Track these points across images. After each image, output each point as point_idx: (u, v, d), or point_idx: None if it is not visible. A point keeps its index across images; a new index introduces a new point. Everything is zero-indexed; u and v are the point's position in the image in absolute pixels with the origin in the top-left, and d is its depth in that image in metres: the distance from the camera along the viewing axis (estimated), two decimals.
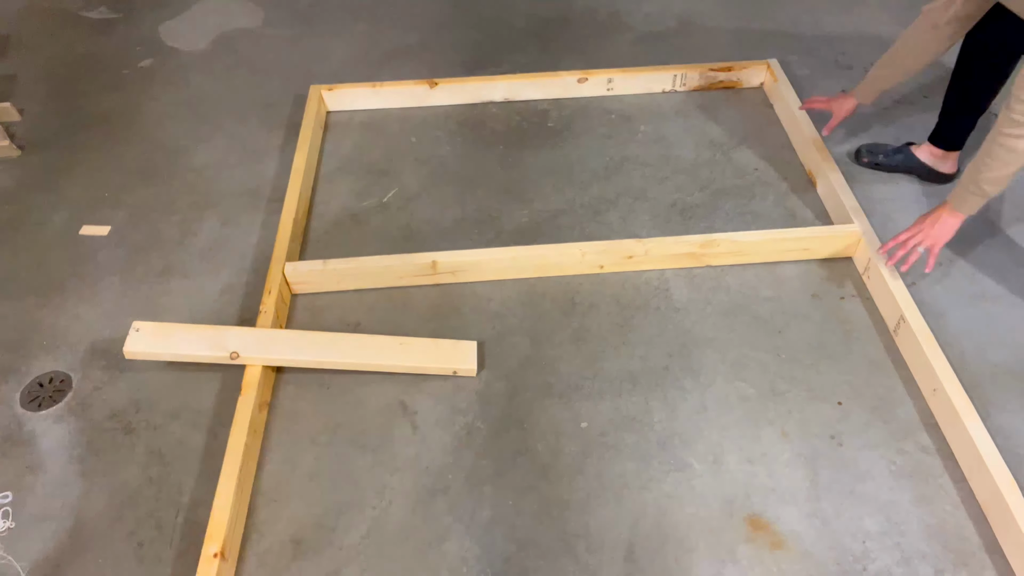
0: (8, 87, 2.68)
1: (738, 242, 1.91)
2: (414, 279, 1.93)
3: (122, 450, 1.64)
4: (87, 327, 1.89)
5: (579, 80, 2.49)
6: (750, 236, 1.92)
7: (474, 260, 1.90)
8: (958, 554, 1.43)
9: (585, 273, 1.95)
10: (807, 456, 1.58)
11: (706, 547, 1.45)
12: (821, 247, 1.94)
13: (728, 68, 2.51)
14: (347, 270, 1.89)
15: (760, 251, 1.94)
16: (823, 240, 1.92)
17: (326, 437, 1.65)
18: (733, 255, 1.94)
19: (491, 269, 1.93)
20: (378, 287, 1.94)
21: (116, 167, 2.35)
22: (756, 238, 1.91)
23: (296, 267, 1.89)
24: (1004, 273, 1.92)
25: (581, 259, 1.92)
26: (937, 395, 1.61)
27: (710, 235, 1.91)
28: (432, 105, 2.53)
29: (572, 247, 1.91)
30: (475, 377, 1.74)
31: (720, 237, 1.91)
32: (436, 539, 1.48)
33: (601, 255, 1.91)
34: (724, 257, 1.94)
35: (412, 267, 1.89)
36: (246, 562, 1.46)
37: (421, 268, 1.90)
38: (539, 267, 1.94)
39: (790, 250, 1.94)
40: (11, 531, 1.52)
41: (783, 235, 1.92)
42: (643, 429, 1.63)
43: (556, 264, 1.93)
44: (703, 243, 1.90)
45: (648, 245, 1.91)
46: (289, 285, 1.91)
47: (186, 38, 2.93)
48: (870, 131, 2.34)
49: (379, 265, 1.89)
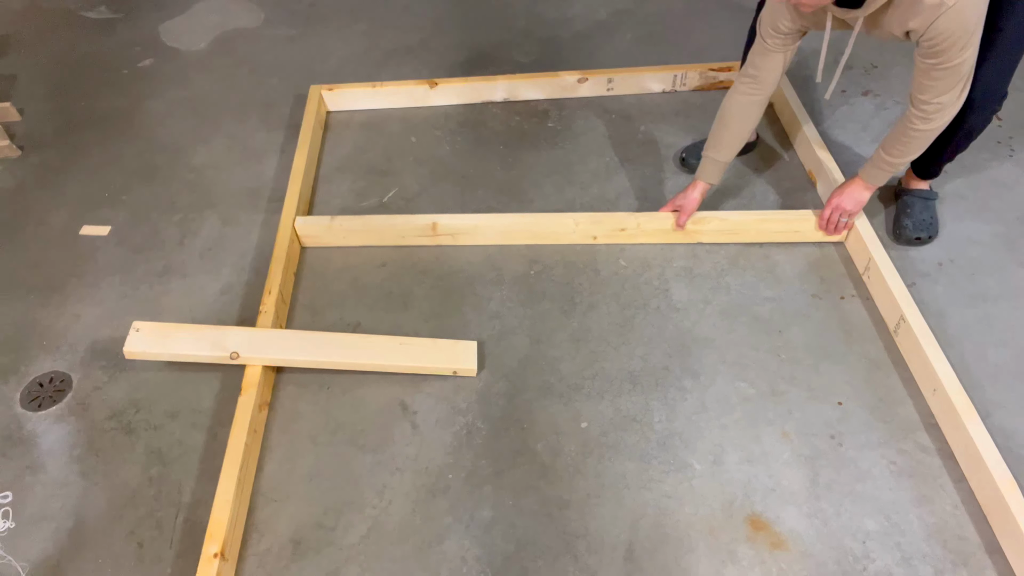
0: (8, 87, 2.68)
1: (728, 220, 1.98)
2: (416, 239, 2.03)
3: (122, 450, 1.64)
4: (87, 327, 1.89)
5: (579, 80, 2.49)
6: (740, 215, 1.99)
7: (472, 224, 2.01)
8: (958, 554, 1.43)
9: (579, 243, 2.01)
10: (807, 456, 1.58)
11: (706, 547, 1.45)
12: (811, 230, 1.98)
13: (728, 68, 2.51)
14: (353, 227, 2.01)
15: (750, 230, 1.99)
16: (813, 222, 1.96)
17: (326, 437, 1.65)
18: (723, 233, 2.00)
19: (488, 233, 2.02)
20: (382, 244, 2.03)
21: (116, 167, 2.35)
22: (746, 217, 1.98)
23: (306, 221, 2.01)
24: (1004, 273, 1.92)
25: (574, 228, 1.99)
26: (937, 395, 1.61)
27: (700, 212, 1.96)
28: (432, 105, 2.53)
29: (565, 216, 1.99)
30: (475, 377, 1.74)
31: (710, 215, 1.97)
32: (436, 539, 1.48)
33: (594, 226, 1.99)
34: (714, 235, 2.00)
35: (414, 227, 2.01)
36: (246, 562, 1.46)
37: (423, 229, 2.01)
38: (534, 234, 2.02)
39: (780, 231, 1.99)
40: (11, 531, 1.52)
41: (773, 216, 2.00)
42: (643, 429, 1.63)
43: (551, 232, 2.01)
44: (693, 220, 1.96)
45: (640, 219, 1.98)
46: (299, 238, 2.03)
47: (186, 38, 2.93)
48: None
49: (384, 223, 2.01)
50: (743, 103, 1.83)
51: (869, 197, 1.86)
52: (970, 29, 1.42)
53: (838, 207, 1.89)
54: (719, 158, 1.89)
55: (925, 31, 1.44)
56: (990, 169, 2.19)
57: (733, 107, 1.84)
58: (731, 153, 1.89)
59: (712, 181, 1.93)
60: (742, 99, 1.82)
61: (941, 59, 1.47)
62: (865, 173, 1.81)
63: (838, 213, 1.89)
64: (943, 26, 1.41)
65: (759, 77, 1.78)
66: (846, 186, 1.88)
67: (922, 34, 1.45)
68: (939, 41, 1.44)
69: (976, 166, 2.19)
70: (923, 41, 1.47)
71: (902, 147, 1.68)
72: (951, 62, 1.47)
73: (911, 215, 1.99)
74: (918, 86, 1.57)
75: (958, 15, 1.39)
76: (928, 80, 1.53)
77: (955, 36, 1.42)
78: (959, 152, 1.86)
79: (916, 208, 2.00)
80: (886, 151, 1.72)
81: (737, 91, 1.83)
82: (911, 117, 1.62)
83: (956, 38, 1.42)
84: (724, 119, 1.86)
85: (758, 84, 1.79)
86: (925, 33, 1.44)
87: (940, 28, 1.41)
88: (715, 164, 1.90)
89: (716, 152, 1.89)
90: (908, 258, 1.96)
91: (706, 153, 1.91)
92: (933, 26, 1.42)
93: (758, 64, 1.77)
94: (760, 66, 1.77)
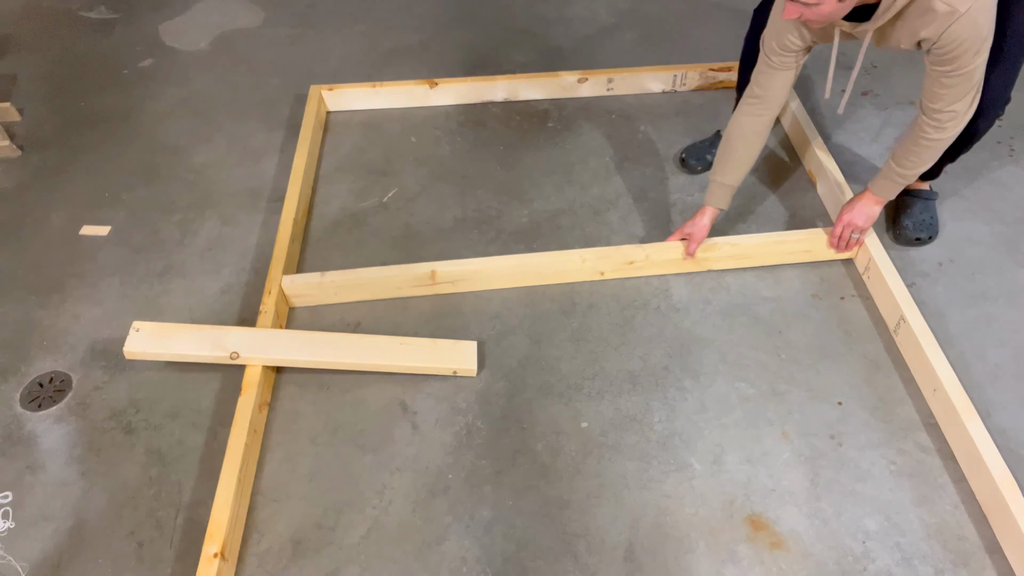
0: (8, 87, 2.68)
1: (739, 245, 1.90)
2: (413, 289, 1.91)
3: (122, 450, 1.64)
4: (87, 327, 1.89)
5: (579, 80, 2.49)
6: (751, 239, 1.91)
7: (473, 269, 1.89)
8: (958, 554, 1.43)
9: (585, 280, 1.94)
10: (807, 456, 1.58)
11: (706, 547, 1.45)
12: (823, 249, 1.93)
13: (728, 68, 2.51)
14: (344, 282, 1.87)
15: (761, 254, 1.93)
16: (824, 240, 1.92)
17: (326, 437, 1.65)
18: (734, 259, 1.93)
19: (491, 278, 1.91)
20: (375, 299, 1.92)
21: (116, 167, 2.35)
22: (757, 240, 1.91)
23: (293, 280, 1.86)
24: (1004, 273, 1.92)
25: (581, 265, 1.91)
26: (937, 395, 1.61)
27: (711, 239, 1.89)
28: (432, 105, 2.53)
29: (572, 254, 1.90)
30: (475, 377, 1.74)
31: (720, 241, 1.90)
32: (436, 539, 1.48)
33: (601, 261, 1.90)
34: (725, 261, 1.93)
35: (411, 277, 1.88)
36: (246, 562, 1.46)
37: (420, 278, 1.88)
38: (539, 275, 1.92)
39: (791, 252, 1.94)
40: (11, 531, 1.52)
41: (784, 237, 1.92)
42: (643, 429, 1.63)
43: (556, 272, 1.92)
44: (704, 247, 1.89)
45: (648, 251, 1.90)
46: (287, 299, 1.89)
47: (186, 38, 2.93)
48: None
49: (377, 276, 1.87)
50: (749, 124, 1.76)
51: (879, 211, 1.82)
52: (983, 35, 1.41)
53: (849, 223, 1.83)
54: (727, 182, 1.82)
55: (938, 39, 1.42)
56: (990, 169, 2.19)
57: (739, 129, 1.78)
58: (739, 176, 1.82)
59: (721, 206, 1.85)
60: (748, 120, 1.76)
61: (954, 66, 1.45)
62: (875, 186, 1.77)
63: (849, 230, 1.84)
64: (957, 33, 1.39)
65: (765, 97, 1.72)
66: (856, 201, 1.83)
67: (935, 42, 1.43)
68: (952, 48, 1.42)
69: (976, 166, 2.19)
70: (935, 49, 1.45)
71: (915, 158, 1.64)
72: (964, 69, 1.45)
73: (911, 215, 1.99)
74: (930, 95, 1.54)
75: (971, 21, 1.38)
76: (940, 88, 1.51)
77: (969, 42, 1.40)
78: (961, 153, 1.85)
79: (916, 208, 1.99)
80: (897, 163, 1.68)
81: (742, 112, 1.76)
82: (923, 127, 1.59)
83: (969, 44, 1.41)
84: (730, 142, 1.79)
85: (764, 105, 1.73)
86: (938, 41, 1.42)
87: (954, 35, 1.40)
88: (723, 188, 1.83)
89: (724, 176, 1.81)
90: (908, 258, 1.96)
91: (713, 177, 1.84)
92: (947, 33, 1.40)
93: (764, 84, 1.71)
94: (766, 86, 1.71)
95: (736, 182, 1.83)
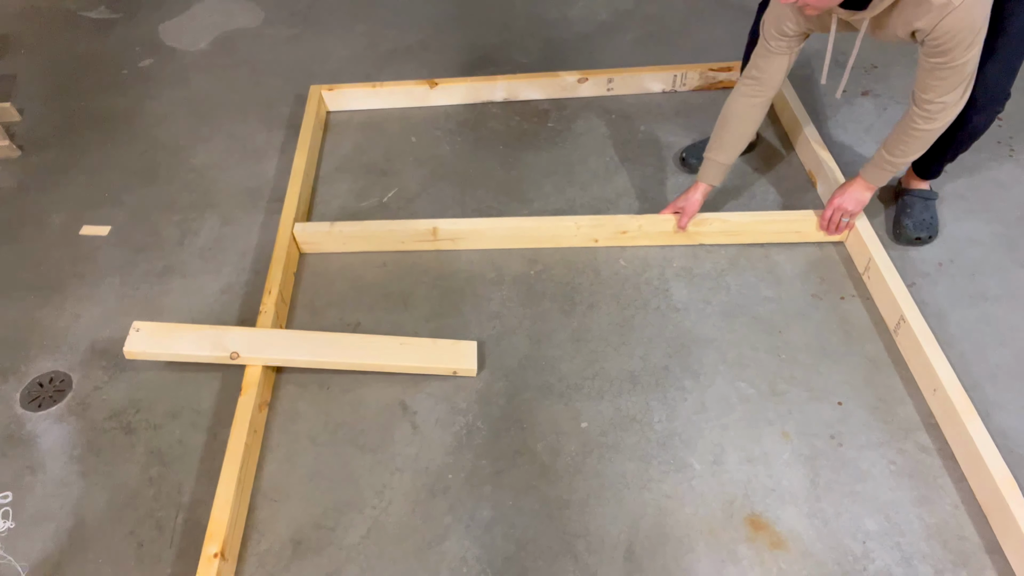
0: (8, 87, 2.68)
1: (729, 221, 1.97)
2: (416, 244, 2.01)
3: (122, 450, 1.64)
4: (87, 327, 1.89)
5: (579, 80, 2.49)
6: (742, 216, 1.98)
7: (472, 228, 1.99)
8: (958, 554, 1.43)
9: (580, 246, 2.00)
10: (807, 456, 1.58)
11: (706, 547, 1.45)
12: (812, 230, 1.98)
13: (728, 68, 2.51)
14: (352, 232, 1.99)
15: (751, 231, 1.99)
16: (814, 222, 1.96)
17: (326, 437, 1.65)
18: (724, 234, 1.99)
19: (489, 237, 2.01)
20: (382, 250, 2.01)
21: (116, 167, 2.35)
22: (748, 218, 1.98)
23: (305, 227, 2.00)
24: (1004, 273, 1.92)
25: (576, 231, 1.98)
26: (937, 395, 1.61)
27: (702, 214, 1.96)
28: (432, 105, 2.53)
29: (567, 219, 1.98)
30: (475, 377, 1.74)
31: (711, 216, 1.97)
32: (436, 539, 1.48)
33: (595, 228, 1.98)
34: (716, 236, 1.99)
35: (414, 232, 1.99)
36: (246, 562, 1.46)
37: (423, 234, 1.99)
38: (535, 238, 2.01)
39: (781, 232, 1.99)
40: (11, 531, 1.52)
41: (774, 216, 1.99)
42: (643, 429, 1.63)
43: (552, 236, 2.00)
44: (695, 222, 1.96)
45: (641, 221, 1.98)
46: (298, 245, 2.01)
47: (186, 38, 2.93)
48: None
49: (383, 229, 1.99)
50: (745, 105, 1.82)
51: (870, 197, 1.86)
52: (976, 28, 1.42)
53: (839, 207, 1.89)
54: (721, 160, 1.89)
55: (932, 30, 1.44)
56: (990, 169, 2.19)
57: (735, 109, 1.84)
58: (733, 155, 1.89)
59: (713, 183, 1.92)
60: (744, 101, 1.82)
61: (947, 58, 1.47)
62: (866, 173, 1.82)
63: (839, 213, 1.89)
64: (950, 25, 1.41)
65: (762, 79, 1.78)
66: (847, 186, 1.88)
67: (928, 33, 1.45)
68: (946, 40, 1.44)
69: (976, 166, 2.19)
70: (929, 40, 1.47)
71: (904, 147, 1.68)
72: (956, 61, 1.47)
73: (911, 215, 1.99)
74: (922, 85, 1.57)
75: (966, 14, 1.39)
76: (932, 80, 1.53)
77: (962, 35, 1.42)
78: (960, 152, 1.86)
79: (916, 208, 2.00)
80: (888, 151, 1.73)
81: (739, 93, 1.83)
82: (914, 117, 1.62)
83: (963, 37, 1.42)
84: (726, 120, 1.86)
85: (761, 86, 1.79)
86: (932, 32, 1.44)
87: (947, 27, 1.42)
88: (717, 166, 1.90)
89: (718, 154, 1.89)
90: (908, 258, 1.96)
91: (707, 155, 1.91)
92: (940, 25, 1.42)
93: (761, 66, 1.77)
94: (763, 68, 1.77)
95: (729, 160, 1.89)
